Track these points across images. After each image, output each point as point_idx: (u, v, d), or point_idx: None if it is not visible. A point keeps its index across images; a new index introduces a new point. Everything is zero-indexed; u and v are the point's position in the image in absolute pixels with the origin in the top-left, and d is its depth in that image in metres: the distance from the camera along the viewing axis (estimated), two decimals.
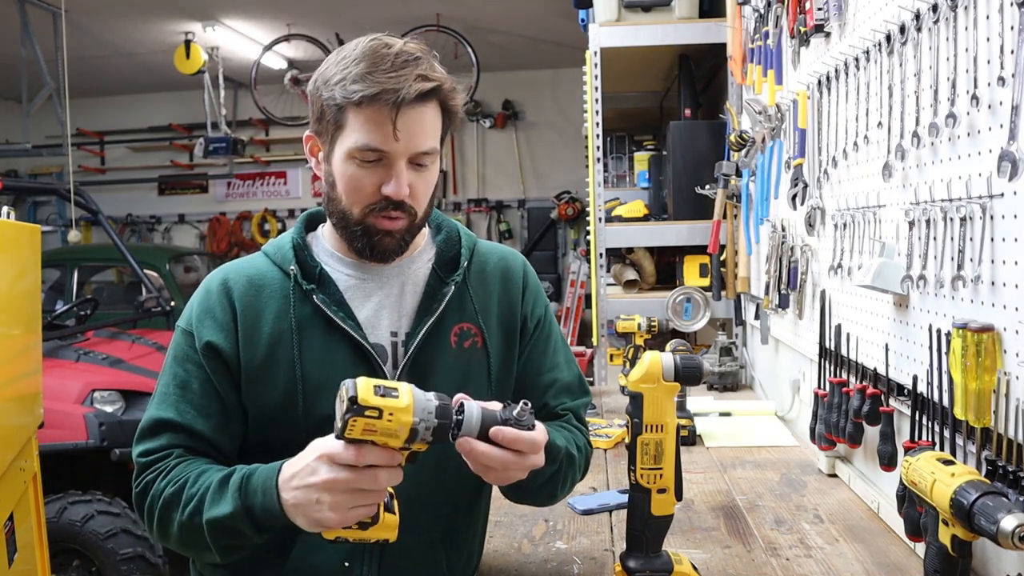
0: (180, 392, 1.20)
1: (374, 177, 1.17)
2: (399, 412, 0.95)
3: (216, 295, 1.23)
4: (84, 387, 3.56)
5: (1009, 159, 1.11)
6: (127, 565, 3.23)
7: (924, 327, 1.40)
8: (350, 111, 1.15)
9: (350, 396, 0.93)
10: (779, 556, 1.47)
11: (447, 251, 1.32)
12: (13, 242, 2.17)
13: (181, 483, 1.13)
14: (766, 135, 2.37)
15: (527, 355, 1.35)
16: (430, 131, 1.18)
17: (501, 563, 1.46)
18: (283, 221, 8.85)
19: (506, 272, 1.35)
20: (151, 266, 5.57)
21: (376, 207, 1.19)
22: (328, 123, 1.18)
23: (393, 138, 1.14)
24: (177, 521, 1.12)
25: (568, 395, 1.37)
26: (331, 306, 1.22)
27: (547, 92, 8.26)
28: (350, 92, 1.12)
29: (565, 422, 1.35)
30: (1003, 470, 1.14)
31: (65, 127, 5.32)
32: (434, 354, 1.25)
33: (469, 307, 1.29)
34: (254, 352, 1.20)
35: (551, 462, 1.19)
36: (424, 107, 1.16)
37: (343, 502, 0.99)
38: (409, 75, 1.13)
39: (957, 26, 1.28)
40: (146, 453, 1.18)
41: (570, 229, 8.18)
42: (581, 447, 1.34)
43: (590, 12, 3.43)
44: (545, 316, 1.38)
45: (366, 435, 0.95)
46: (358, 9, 6.11)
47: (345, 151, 1.16)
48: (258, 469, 1.09)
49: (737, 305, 3.04)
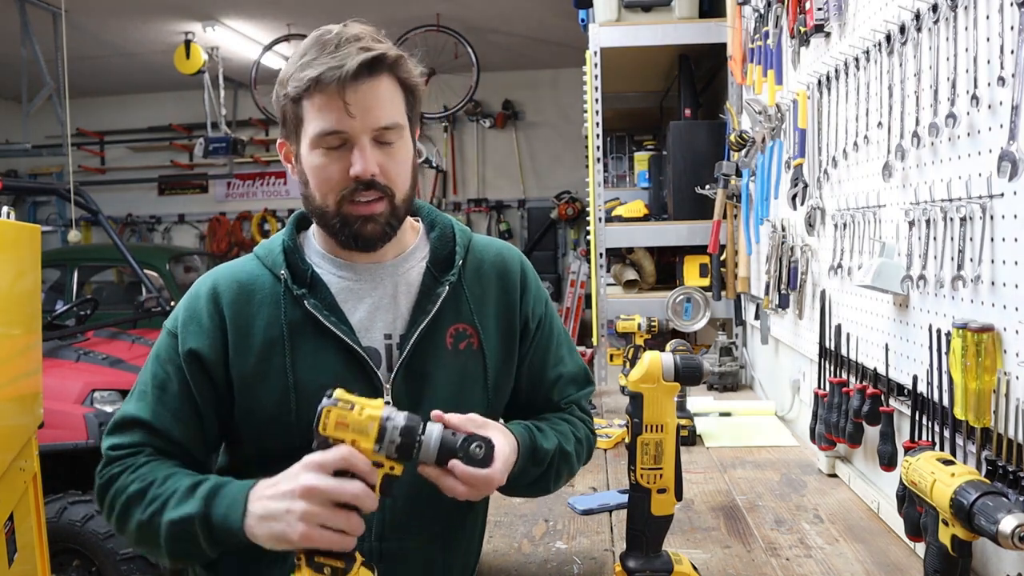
0: (158, 393, 1.18)
1: (340, 162, 1.15)
2: (370, 407, 1.00)
3: (204, 301, 1.22)
4: (84, 387, 3.56)
5: (1009, 159, 1.11)
6: (127, 565, 3.24)
7: (924, 327, 1.40)
8: (305, 102, 1.14)
9: (327, 393, 1.01)
10: (779, 556, 1.47)
11: (441, 249, 1.29)
12: (13, 242, 2.17)
13: (148, 482, 1.11)
14: (766, 135, 2.37)
15: (531, 355, 1.34)
16: (387, 105, 1.16)
17: (501, 563, 1.46)
18: (283, 221, 8.78)
19: (503, 270, 1.33)
20: (151, 266, 5.56)
21: (348, 193, 1.16)
22: (291, 122, 1.18)
23: (347, 115, 1.12)
24: (136, 519, 1.10)
25: (574, 386, 1.37)
26: (323, 311, 1.19)
27: (547, 92, 8.26)
28: (300, 81, 1.13)
29: (568, 414, 1.35)
30: (1003, 470, 1.14)
31: (65, 127, 5.32)
32: (429, 356, 1.23)
33: (465, 307, 1.27)
34: (245, 360, 1.19)
35: (537, 464, 1.21)
36: (375, 80, 1.14)
37: (315, 515, 0.97)
38: (351, 51, 1.12)
39: (957, 26, 1.28)
40: (116, 447, 1.17)
41: (570, 229, 8.17)
42: (581, 438, 1.34)
43: (590, 12, 3.43)
44: (546, 312, 1.37)
45: (339, 430, 0.99)
46: (358, 9, 6.02)
47: (308, 142, 1.16)
48: (234, 482, 1.08)
49: (737, 305, 3.04)
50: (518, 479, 1.16)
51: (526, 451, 1.19)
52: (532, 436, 1.23)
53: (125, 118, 8.75)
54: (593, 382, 1.43)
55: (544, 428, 1.28)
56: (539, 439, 1.23)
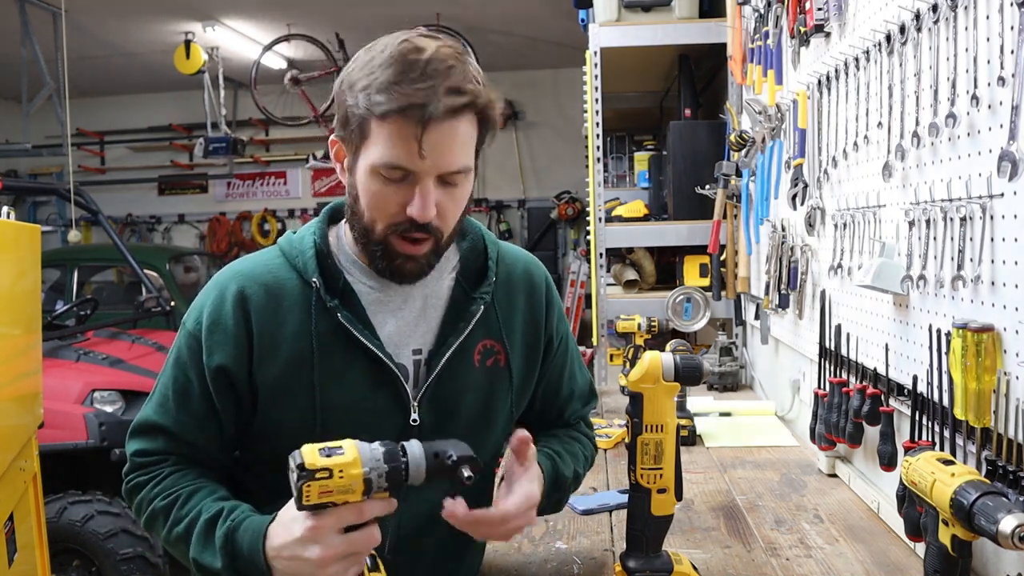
0: (180, 400, 1.16)
1: (399, 196, 1.07)
2: (348, 467, 0.94)
3: (231, 306, 1.14)
4: (84, 387, 3.56)
5: (1009, 159, 1.11)
6: (127, 565, 3.23)
7: (924, 327, 1.40)
8: (373, 123, 1.05)
9: (298, 464, 0.94)
10: (779, 556, 1.47)
11: (472, 261, 1.24)
12: (13, 242, 2.17)
13: (172, 499, 1.12)
14: (766, 135, 2.37)
15: (550, 372, 1.34)
16: (461, 148, 1.07)
17: (501, 563, 1.46)
18: (283, 221, 8.86)
19: (531, 287, 1.30)
20: (151, 266, 5.56)
21: (399, 227, 1.10)
22: (352, 131, 1.09)
23: (419, 156, 1.04)
24: (163, 535, 1.13)
25: (581, 401, 1.40)
26: (356, 324, 1.14)
27: (547, 92, 8.27)
28: (374, 104, 1.03)
29: (576, 431, 1.38)
30: (1003, 470, 1.14)
31: (65, 127, 5.32)
32: (458, 373, 1.19)
33: (494, 324, 1.23)
34: (271, 370, 1.14)
35: (558, 491, 1.25)
36: (455, 122, 1.05)
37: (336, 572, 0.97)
38: (439, 87, 1.02)
39: (957, 26, 1.28)
40: (141, 453, 1.17)
41: (570, 229, 8.18)
42: (589, 456, 1.37)
43: (590, 12, 3.43)
44: (566, 331, 1.37)
45: (324, 497, 0.95)
46: (358, 9, 6.10)
47: (368, 165, 1.07)
48: (243, 524, 1.05)
49: (737, 305, 3.04)
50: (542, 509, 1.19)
51: (550, 481, 1.21)
52: (555, 465, 1.25)
53: (125, 118, 8.76)
54: (597, 395, 1.44)
55: (563, 454, 1.29)
56: (561, 467, 1.26)
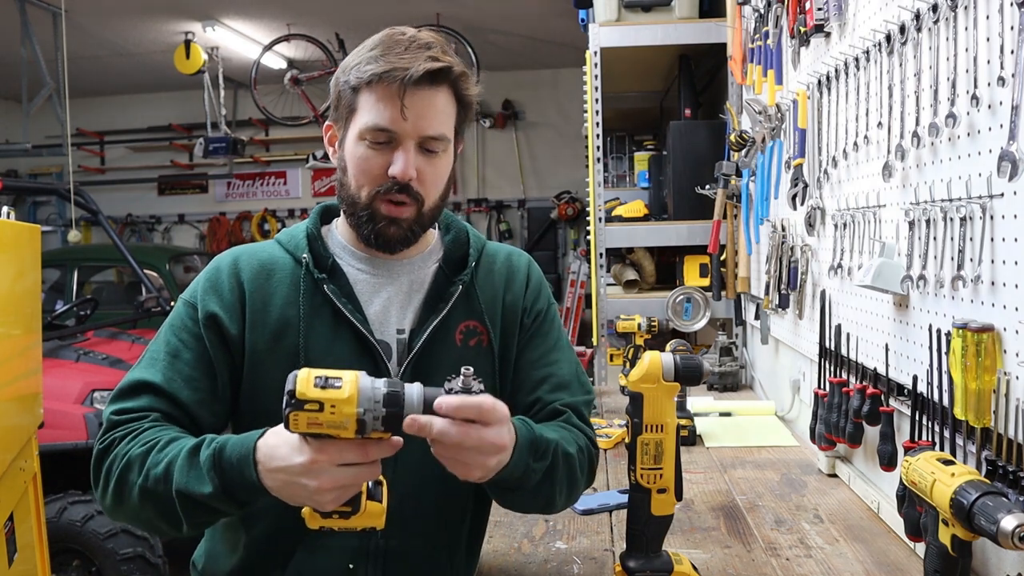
0: (170, 359, 1.17)
1: (382, 159, 1.17)
2: (341, 404, 0.90)
3: (226, 273, 1.23)
4: (84, 387, 3.56)
5: (1009, 159, 1.11)
6: (127, 565, 3.23)
7: (924, 327, 1.40)
8: (363, 92, 1.17)
9: (288, 390, 0.91)
10: (779, 556, 1.47)
11: (455, 251, 1.32)
12: (13, 242, 2.17)
13: (149, 446, 1.07)
14: (766, 135, 2.37)
15: (523, 348, 1.31)
16: (440, 116, 1.18)
17: (501, 563, 1.46)
18: (283, 221, 8.85)
19: (511, 270, 1.35)
20: (151, 266, 5.56)
21: (382, 189, 1.18)
22: (343, 108, 1.20)
23: (401, 117, 1.15)
24: (138, 484, 1.05)
25: (565, 392, 1.29)
26: (340, 298, 1.21)
27: (547, 92, 8.26)
28: (363, 72, 1.16)
29: (564, 420, 1.26)
30: (1003, 470, 1.14)
31: (65, 127, 5.32)
32: (439, 352, 1.24)
33: (476, 306, 1.28)
34: (260, 335, 1.20)
35: (541, 457, 1.12)
36: (434, 90, 1.17)
37: (334, 499, 0.96)
38: (420, 56, 1.15)
39: (957, 26, 1.28)
40: (121, 412, 1.13)
41: (570, 229, 8.18)
42: (583, 446, 1.24)
43: (590, 12, 3.44)
44: (547, 312, 1.35)
45: (313, 428, 0.92)
46: (358, 9, 6.10)
47: (356, 132, 1.18)
48: (228, 443, 1.03)
49: (737, 305, 3.04)
50: (521, 479, 1.09)
51: (525, 442, 1.09)
52: (530, 427, 1.13)
53: (125, 118, 8.76)
54: (591, 392, 1.35)
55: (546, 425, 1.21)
56: (538, 429, 1.15)
